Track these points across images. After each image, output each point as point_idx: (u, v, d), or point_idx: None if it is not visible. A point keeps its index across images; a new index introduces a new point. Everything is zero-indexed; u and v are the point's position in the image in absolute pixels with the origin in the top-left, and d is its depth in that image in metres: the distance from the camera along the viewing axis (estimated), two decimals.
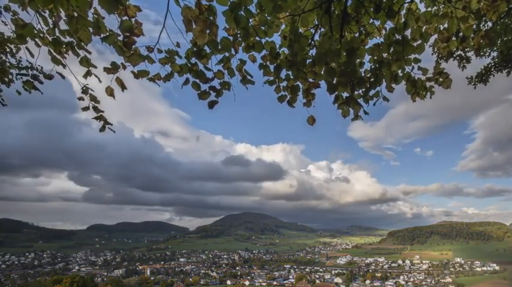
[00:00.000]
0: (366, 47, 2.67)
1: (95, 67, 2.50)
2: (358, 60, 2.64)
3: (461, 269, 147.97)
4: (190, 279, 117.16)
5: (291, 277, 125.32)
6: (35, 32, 2.37)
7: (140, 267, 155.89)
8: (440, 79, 2.71)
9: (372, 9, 2.43)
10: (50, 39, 2.40)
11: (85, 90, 2.66)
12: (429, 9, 2.61)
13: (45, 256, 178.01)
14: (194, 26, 2.13)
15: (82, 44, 2.33)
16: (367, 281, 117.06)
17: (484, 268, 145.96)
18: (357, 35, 2.64)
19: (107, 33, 2.20)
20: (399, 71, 2.66)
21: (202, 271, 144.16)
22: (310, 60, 2.55)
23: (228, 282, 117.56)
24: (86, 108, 2.69)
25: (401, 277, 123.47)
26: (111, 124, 2.78)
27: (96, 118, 2.72)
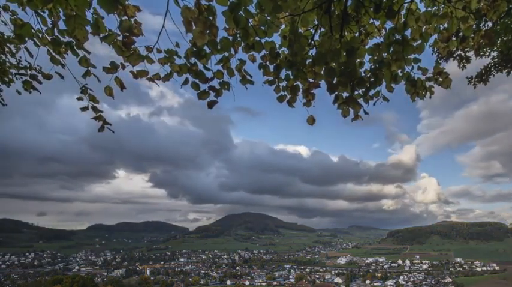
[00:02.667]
0: (366, 47, 2.66)
1: (94, 67, 2.49)
2: (358, 60, 2.63)
3: (461, 269, 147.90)
4: (190, 279, 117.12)
5: (291, 277, 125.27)
6: (34, 32, 2.37)
7: (140, 267, 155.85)
8: (440, 79, 2.71)
9: (371, 9, 2.43)
10: (49, 39, 2.40)
11: (84, 90, 2.66)
12: (429, 9, 2.60)
13: (45, 256, 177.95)
14: (194, 27, 2.13)
15: (81, 44, 2.32)
16: (367, 281, 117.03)
17: (484, 268, 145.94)
18: (356, 35, 2.63)
19: (106, 33, 2.20)
20: (399, 71, 2.65)
21: (202, 271, 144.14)
22: (310, 60, 2.54)
23: (228, 282, 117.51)
24: (85, 109, 2.69)
25: (401, 277, 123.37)
26: (110, 124, 2.78)
27: (95, 118, 2.72)
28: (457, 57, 8.36)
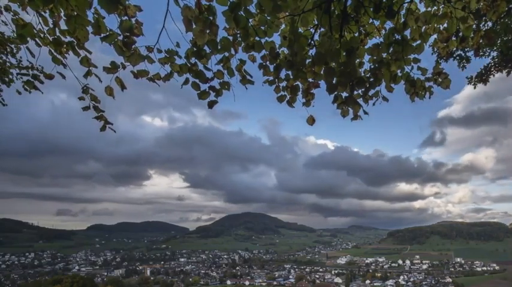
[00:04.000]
0: (366, 47, 2.67)
1: (96, 67, 2.51)
2: (358, 60, 2.64)
3: (461, 269, 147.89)
4: (190, 279, 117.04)
5: (291, 277, 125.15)
6: (35, 32, 2.38)
7: (140, 267, 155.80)
8: (440, 79, 2.71)
9: (371, 9, 2.44)
10: (51, 39, 2.41)
11: (85, 90, 2.67)
12: (429, 9, 2.61)
13: (45, 256, 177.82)
14: (194, 26, 2.14)
15: (82, 43, 2.33)
16: (367, 281, 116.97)
17: (484, 268, 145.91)
18: (356, 35, 2.64)
19: (107, 33, 2.21)
20: (398, 71, 2.66)
21: (202, 271, 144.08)
22: (310, 60, 2.55)
23: (228, 282, 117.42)
24: (86, 108, 2.70)
25: (401, 277, 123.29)
26: (112, 124, 2.79)
27: (96, 118, 2.73)
28: (457, 57, 8.38)
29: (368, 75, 2.70)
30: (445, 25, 2.55)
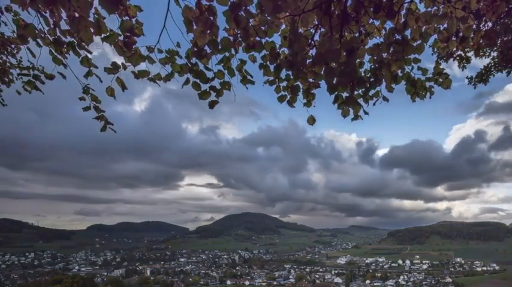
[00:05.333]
0: (366, 47, 2.67)
1: (96, 67, 2.51)
2: (358, 60, 2.65)
3: (461, 269, 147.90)
4: (190, 279, 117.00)
5: (291, 277, 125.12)
6: (36, 32, 2.38)
7: (140, 267, 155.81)
8: (440, 79, 2.72)
9: (371, 9, 2.44)
10: (51, 40, 2.41)
11: (86, 90, 2.67)
12: (429, 9, 2.61)
13: (45, 256, 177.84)
14: (195, 27, 2.14)
15: (83, 43, 2.33)
16: (367, 281, 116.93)
17: (484, 268, 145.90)
18: (356, 35, 2.64)
19: (108, 33, 2.21)
20: (399, 71, 2.66)
21: (202, 271, 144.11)
22: (310, 60, 2.55)
23: (228, 282, 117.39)
24: (87, 108, 2.70)
25: (401, 277, 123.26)
26: (112, 124, 2.79)
27: (97, 118, 2.73)
28: (457, 58, 8.38)
29: (368, 76, 2.70)
30: (445, 25, 2.55)
